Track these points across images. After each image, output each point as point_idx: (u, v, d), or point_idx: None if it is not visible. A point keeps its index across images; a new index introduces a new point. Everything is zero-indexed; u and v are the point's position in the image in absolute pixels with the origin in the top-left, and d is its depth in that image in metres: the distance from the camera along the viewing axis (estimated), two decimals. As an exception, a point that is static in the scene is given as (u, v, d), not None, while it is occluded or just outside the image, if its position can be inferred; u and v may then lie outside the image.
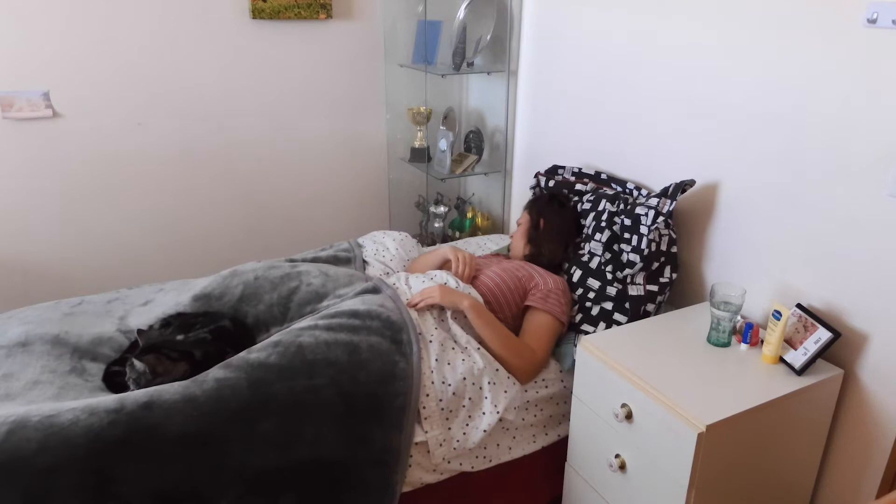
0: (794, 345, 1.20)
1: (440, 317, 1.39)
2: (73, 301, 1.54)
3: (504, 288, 1.49)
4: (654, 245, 1.43)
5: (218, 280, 1.50)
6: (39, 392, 1.18)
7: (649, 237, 1.41)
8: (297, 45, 2.13)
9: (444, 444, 1.26)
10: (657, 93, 1.57)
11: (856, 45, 1.13)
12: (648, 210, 1.43)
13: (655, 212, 1.42)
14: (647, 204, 1.45)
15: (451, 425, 1.27)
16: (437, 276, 1.50)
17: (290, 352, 1.19)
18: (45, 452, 0.98)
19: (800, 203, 1.27)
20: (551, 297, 1.47)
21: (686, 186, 1.42)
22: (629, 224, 1.47)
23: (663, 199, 1.42)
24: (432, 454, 1.25)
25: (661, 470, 1.12)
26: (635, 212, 1.46)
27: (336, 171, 2.35)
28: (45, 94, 1.85)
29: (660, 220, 1.41)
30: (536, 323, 1.44)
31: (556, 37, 1.90)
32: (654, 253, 1.44)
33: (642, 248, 1.43)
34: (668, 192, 1.43)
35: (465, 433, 1.28)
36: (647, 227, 1.42)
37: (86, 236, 2.03)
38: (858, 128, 1.15)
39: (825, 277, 1.24)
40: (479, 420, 1.28)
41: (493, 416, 1.28)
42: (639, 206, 1.47)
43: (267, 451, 1.10)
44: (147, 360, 1.18)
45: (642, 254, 1.43)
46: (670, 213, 1.41)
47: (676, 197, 1.41)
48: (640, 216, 1.45)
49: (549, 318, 1.44)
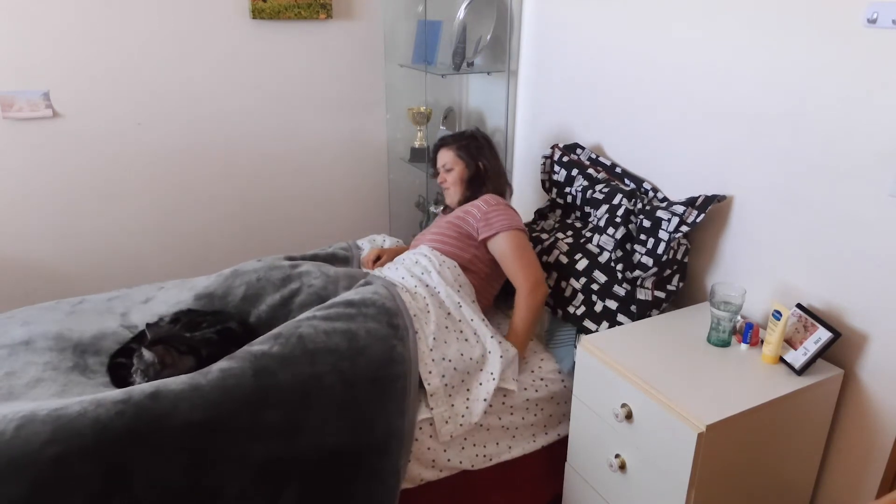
0: (794, 345, 1.19)
1: (430, 293, 1.41)
2: (74, 300, 1.55)
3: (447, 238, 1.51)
4: (671, 252, 1.42)
5: (220, 280, 1.50)
6: (42, 390, 1.18)
7: (670, 244, 1.40)
8: (297, 45, 2.13)
9: (451, 421, 1.27)
10: (658, 93, 1.57)
11: (856, 45, 1.13)
12: (672, 217, 1.41)
13: (680, 220, 1.39)
14: (672, 210, 1.42)
15: (454, 402, 1.29)
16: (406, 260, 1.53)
17: (292, 342, 1.20)
18: (54, 443, 0.99)
19: (800, 203, 1.27)
20: (492, 215, 1.49)
21: (718, 200, 1.39)
22: (648, 226, 1.45)
23: (689, 209, 1.40)
24: (439, 432, 1.26)
25: (661, 470, 1.12)
26: (656, 215, 1.44)
27: (336, 171, 2.35)
28: (45, 94, 1.85)
29: (683, 229, 1.39)
30: (502, 248, 1.46)
31: (557, 37, 1.90)
32: (670, 260, 1.43)
33: (659, 253, 1.41)
34: (697, 203, 1.40)
35: (468, 406, 1.29)
36: (667, 233, 1.40)
37: (86, 236, 2.04)
38: (859, 127, 1.15)
39: (825, 277, 1.24)
40: (478, 390, 1.30)
41: (491, 383, 1.30)
42: (660, 209, 1.45)
43: (272, 440, 1.11)
44: (157, 350, 1.19)
45: (659, 258, 1.41)
46: (694, 224, 1.38)
47: (706, 209, 1.38)
48: (661, 220, 1.43)
49: (506, 236, 1.46)
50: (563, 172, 1.78)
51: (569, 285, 1.53)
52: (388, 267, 1.55)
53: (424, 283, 1.44)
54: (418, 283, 1.44)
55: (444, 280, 1.43)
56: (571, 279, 1.52)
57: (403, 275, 1.48)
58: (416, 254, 1.53)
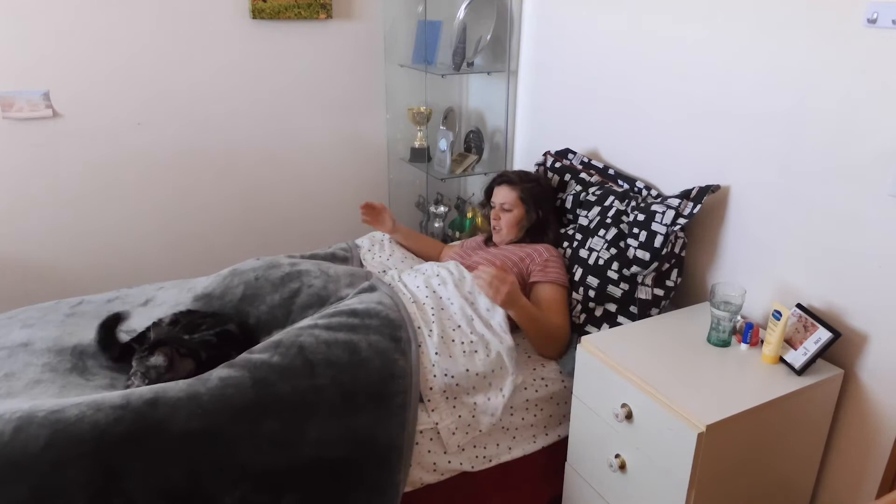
0: (794, 345, 1.19)
1: (440, 305, 1.40)
2: (73, 301, 1.54)
3: None
4: (669, 245, 1.41)
5: (218, 280, 1.49)
6: (41, 391, 1.18)
7: (668, 237, 1.39)
8: (297, 45, 2.12)
9: (458, 432, 1.27)
10: (659, 93, 1.56)
11: (856, 45, 1.13)
12: (667, 209, 1.40)
13: (676, 213, 1.39)
14: (667, 203, 1.42)
15: (460, 413, 1.28)
16: (428, 270, 1.51)
17: (292, 352, 1.19)
18: (52, 448, 0.98)
19: (799, 202, 1.26)
20: (550, 265, 1.52)
21: (712, 190, 1.39)
22: (641, 219, 1.44)
23: (685, 202, 1.39)
24: (447, 444, 1.26)
25: (661, 470, 1.12)
26: (651, 209, 1.43)
27: (336, 171, 2.34)
28: (45, 94, 1.85)
29: (680, 221, 1.38)
30: (547, 296, 1.47)
31: (557, 36, 1.90)
32: (668, 254, 1.42)
33: (656, 246, 1.40)
34: (692, 195, 1.40)
35: (475, 416, 1.29)
36: (664, 226, 1.39)
37: (86, 236, 2.03)
38: (859, 127, 1.15)
39: (825, 277, 1.23)
40: (486, 404, 1.29)
41: (499, 399, 1.30)
42: (655, 204, 1.44)
43: (272, 451, 1.10)
44: (164, 351, 1.19)
45: (657, 252, 1.40)
46: (691, 216, 1.38)
47: (702, 200, 1.38)
48: (655, 213, 1.42)
49: (555, 288, 1.48)
50: (556, 178, 1.78)
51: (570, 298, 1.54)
52: (407, 273, 1.54)
53: (438, 296, 1.43)
54: (431, 294, 1.43)
55: (459, 292, 1.42)
56: (571, 292, 1.54)
57: (419, 284, 1.47)
58: (441, 266, 1.52)
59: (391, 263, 1.72)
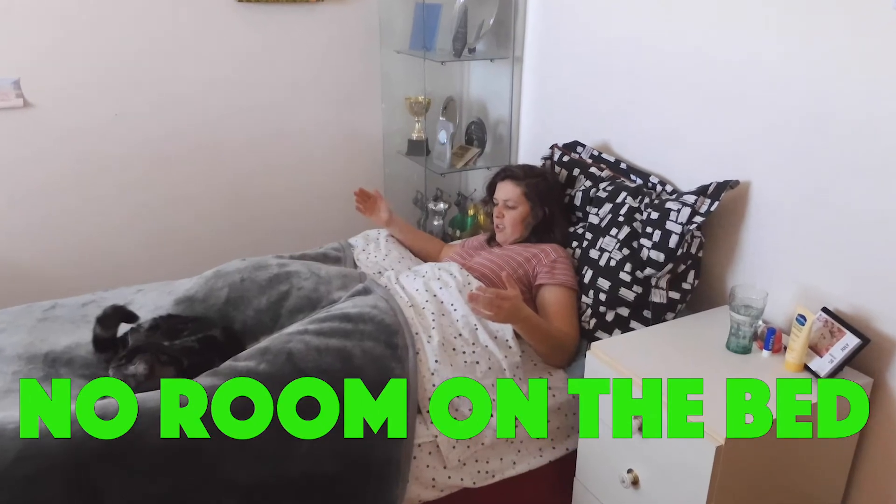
0: (819, 351, 1.15)
1: (441, 310, 1.35)
2: (46, 305, 1.51)
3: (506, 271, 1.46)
4: (685, 245, 1.36)
5: (201, 282, 1.46)
6: (12, 401, 1.15)
7: (684, 237, 1.34)
8: (286, 31, 2.07)
9: (458, 446, 1.23)
10: (672, 82, 1.52)
11: (884, 32, 1.08)
12: (683, 207, 1.36)
13: (692, 210, 1.34)
14: (683, 200, 1.38)
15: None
16: (428, 272, 1.46)
17: (280, 360, 1.16)
18: (25, 461, 0.96)
19: (825, 199, 1.23)
20: (557, 267, 1.46)
21: (730, 186, 1.34)
22: (655, 218, 1.40)
23: (702, 199, 1.35)
24: (446, 458, 1.23)
25: (677, 485, 1.08)
26: (665, 206, 1.39)
27: (328, 165, 2.31)
28: (14, 82, 1.79)
29: (696, 220, 1.34)
30: (555, 300, 1.42)
31: (565, 21, 1.85)
32: (684, 254, 1.38)
33: (671, 247, 1.36)
34: (709, 192, 1.35)
35: None
36: (679, 225, 1.35)
37: (61, 233, 1.99)
38: (887, 121, 1.10)
39: (853, 279, 1.19)
40: (490, 419, 1.26)
41: None
42: (669, 201, 1.40)
43: (258, 466, 1.08)
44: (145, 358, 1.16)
45: (672, 252, 1.35)
46: (708, 214, 1.33)
47: (720, 196, 1.33)
48: (670, 211, 1.38)
49: (563, 291, 1.44)
50: (564, 173, 1.74)
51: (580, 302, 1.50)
52: (404, 275, 1.50)
53: (439, 300, 1.39)
54: (431, 297, 1.39)
55: (463, 298, 1.37)
56: (581, 296, 1.50)
57: (418, 287, 1.43)
58: (442, 269, 1.47)
59: (387, 264, 1.68)
